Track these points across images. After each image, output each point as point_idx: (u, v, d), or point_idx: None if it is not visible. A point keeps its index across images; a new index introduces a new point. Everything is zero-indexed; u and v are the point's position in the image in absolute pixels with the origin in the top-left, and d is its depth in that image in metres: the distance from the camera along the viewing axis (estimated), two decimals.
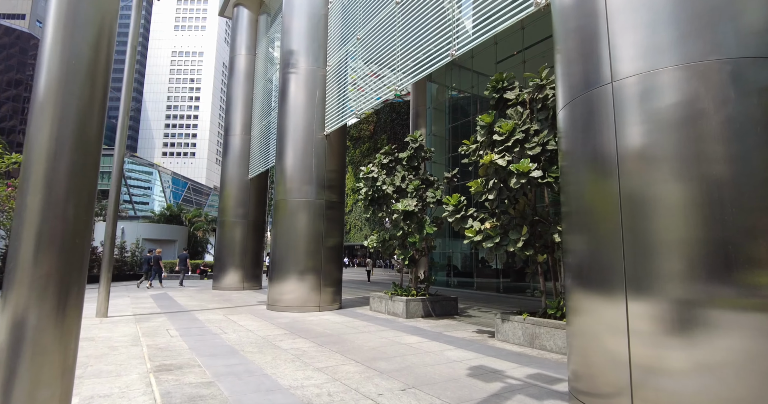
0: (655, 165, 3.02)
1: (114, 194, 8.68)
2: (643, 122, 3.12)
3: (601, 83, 3.51)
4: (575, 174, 3.69)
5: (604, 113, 3.47)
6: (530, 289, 16.22)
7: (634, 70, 3.24)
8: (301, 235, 10.05)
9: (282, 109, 10.79)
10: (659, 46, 3.10)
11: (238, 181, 16.61)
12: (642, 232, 3.03)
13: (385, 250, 9.69)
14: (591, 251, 3.48)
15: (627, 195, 3.11)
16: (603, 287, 3.32)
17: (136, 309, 10.00)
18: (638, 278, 3.06)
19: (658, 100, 3.06)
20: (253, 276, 16.60)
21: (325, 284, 10.09)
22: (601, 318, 3.31)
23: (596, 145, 3.42)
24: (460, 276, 19.35)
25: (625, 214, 3.14)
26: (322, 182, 10.32)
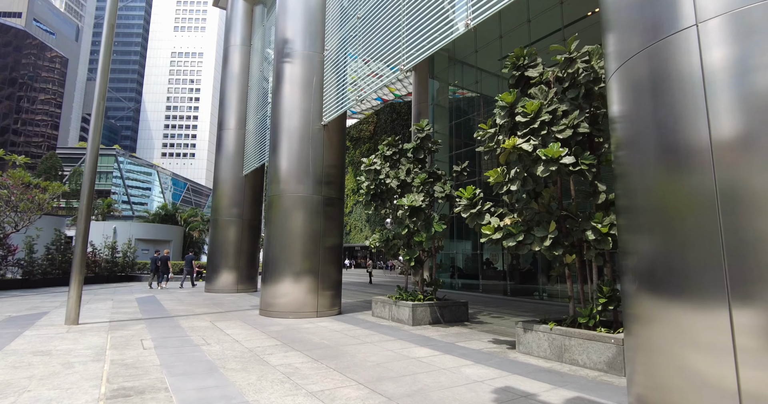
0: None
1: (87, 187, 7.83)
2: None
3: (679, 27, 2.68)
4: (641, 161, 2.88)
5: (685, 71, 2.63)
6: (539, 292, 15.39)
7: (730, 5, 2.43)
8: (297, 234, 9.20)
9: (276, 97, 9.95)
10: None
11: (232, 178, 15.77)
12: (754, 231, 2.23)
13: (389, 250, 8.84)
14: (668, 253, 2.70)
15: (727, 188, 2.32)
16: (690, 293, 2.50)
17: (116, 314, 9.15)
18: (747, 283, 2.24)
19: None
20: (248, 278, 15.74)
21: (323, 288, 9.24)
22: (686, 330, 2.50)
23: (674, 119, 2.60)
24: (464, 278, 18.49)
25: (724, 211, 2.33)
26: (320, 177, 9.47)
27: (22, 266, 16.63)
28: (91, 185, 7.91)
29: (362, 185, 8.56)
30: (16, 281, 16.05)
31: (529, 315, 9.96)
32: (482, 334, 7.27)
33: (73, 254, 7.73)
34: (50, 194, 18.82)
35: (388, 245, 8.73)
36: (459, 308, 8.78)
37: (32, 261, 16.81)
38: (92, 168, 7.96)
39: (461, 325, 8.28)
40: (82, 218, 7.82)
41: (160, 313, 9.43)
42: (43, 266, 17.25)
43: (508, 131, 5.53)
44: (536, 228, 5.35)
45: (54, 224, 24.12)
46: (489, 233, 5.68)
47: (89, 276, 19.36)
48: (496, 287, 16.49)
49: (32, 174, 25.40)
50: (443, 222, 7.85)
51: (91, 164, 7.95)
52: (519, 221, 5.67)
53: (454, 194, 7.98)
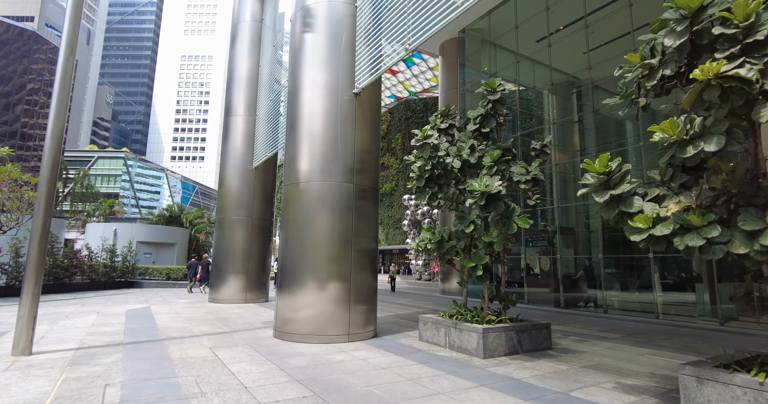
0: None
1: (48, 168, 5.82)
2: None
3: None
4: None
5: None
6: (594, 303, 13.15)
7: None
8: (323, 232, 7.11)
9: (296, 61, 7.91)
10: None
11: (240, 171, 13.77)
12: None
13: (444, 254, 6.71)
14: None
15: None
16: None
17: (91, 335, 7.12)
18: None
19: None
20: (258, 286, 13.70)
21: (356, 300, 7.13)
22: None
23: None
24: None
25: None
26: (351, 161, 7.39)
27: (5, 271, 14.77)
28: (53, 166, 5.90)
29: (413, 165, 6.42)
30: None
31: (622, 338, 7.75)
32: (591, 374, 5.10)
33: (27, 257, 5.72)
34: None
35: (443, 247, 6.60)
36: (540, 332, 6.61)
37: (18, 266, 14.94)
38: (56, 145, 5.96)
39: (548, 356, 6.11)
40: (40, 208, 5.81)
41: (149, 334, 7.39)
42: None
43: (684, 57, 3.39)
44: (740, 217, 3.19)
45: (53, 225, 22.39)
46: (642, 227, 3.54)
47: (84, 283, 17.51)
48: (545, 297, 14.26)
49: (34, 175, 23.80)
50: (527, 216, 5.70)
51: (56, 137, 5.94)
52: (692, 206, 3.52)
53: (541, 178, 5.85)
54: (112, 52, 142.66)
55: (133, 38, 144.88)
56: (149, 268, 21.54)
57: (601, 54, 13.76)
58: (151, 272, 21.42)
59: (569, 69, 15.91)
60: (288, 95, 8.08)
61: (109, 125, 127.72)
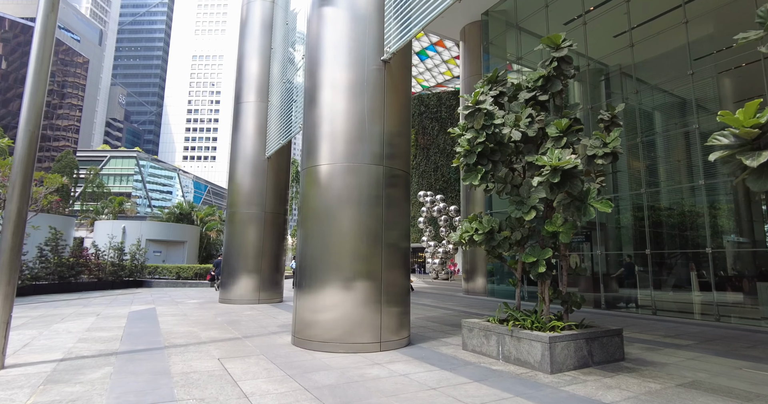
0: None
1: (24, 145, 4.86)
2: None
3: None
4: None
5: None
6: (626, 304, 11.94)
7: None
8: (349, 223, 6.08)
9: (315, 25, 6.87)
10: None
11: (252, 161, 12.81)
12: None
13: (494, 248, 5.62)
14: None
15: None
16: None
17: (83, 342, 6.18)
18: None
19: None
20: (271, 285, 12.73)
21: (387, 301, 6.08)
22: None
23: None
24: (532, 284, 15.07)
25: None
26: (380, 139, 6.33)
27: None
28: (30, 143, 4.94)
29: (461, 139, 5.32)
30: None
31: (697, 346, 6.58)
32: (699, 397, 3.97)
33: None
34: (47, 188, 16.29)
35: (493, 239, 5.51)
36: (611, 339, 5.48)
37: (20, 264, 14.16)
38: (34, 117, 5.00)
39: (627, 370, 4.99)
40: (15, 192, 4.86)
41: (149, 340, 6.42)
42: (34, 270, 14.63)
43: None
44: None
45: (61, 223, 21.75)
46: None
47: (91, 282, 16.75)
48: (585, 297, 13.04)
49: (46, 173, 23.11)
50: (608, 199, 4.58)
51: (34, 107, 4.98)
52: None
53: (620, 151, 4.73)
54: (124, 53, 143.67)
55: (144, 39, 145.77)
56: (159, 267, 20.76)
57: (635, 37, 12.48)
58: (160, 271, 20.65)
59: (598, 54, 14.65)
60: (306, 66, 7.04)
61: (121, 126, 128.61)
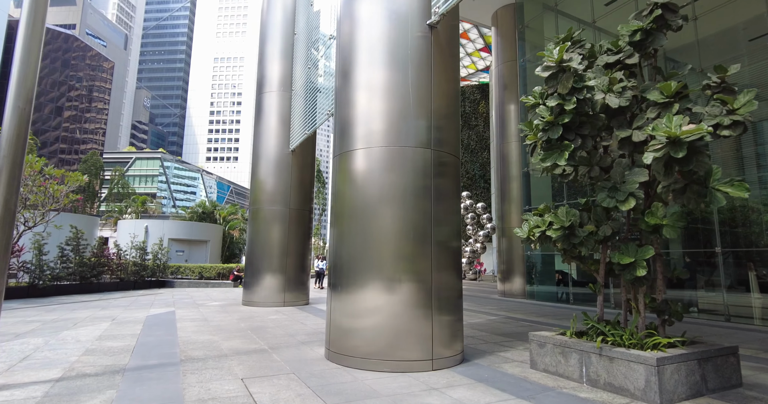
0: None
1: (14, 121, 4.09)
2: None
3: None
4: None
5: None
6: (697, 308, 10.62)
7: None
8: (392, 216, 5.13)
9: None
10: None
11: (275, 154, 12.02)
12: None
13: (574, 247, 4.56)
14: None
15: None
16: None
17: (89, 354, 5.41)
18: None
19: None
20: (297, 286, 11.90)
21: (439, 308, 5.10)
22: None
23: None
24: (579, 286, 13.84)
25: None
26: (428, 118, 5.35)
27: (28, 270, 13.63)
28: (20, 122, 4.15)
29: (539, 109, 4.26)
30: (19, 289, 13.03)
31: None
32: None
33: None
34: (68, 186, 15.90)
35: (575, 236, 4.46)
36: (726, 360, 4.36)
37: (41, 264, 13.79)
38: (26, 91, 4.22)
39: (755, 402, 3.87)
40: (1, 181, 4.06)
41: (163, 352, 5.61)
42: (55, 270, 14.22)
43: None
44: None
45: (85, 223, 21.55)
46: None
47: (113, 282, 16.34)
48: None
49: None
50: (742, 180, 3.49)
51: (25, 83, 4.20)
52: None
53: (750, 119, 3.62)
54: (148, 56, 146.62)
55: (168, 43, 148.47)
56: (181, 266, 20.31)
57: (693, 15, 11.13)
58: (183, 271, 20.20)
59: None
60: (338, 35, 6.10)
61: (146, 128, 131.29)
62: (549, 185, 15.48)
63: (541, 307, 12.68)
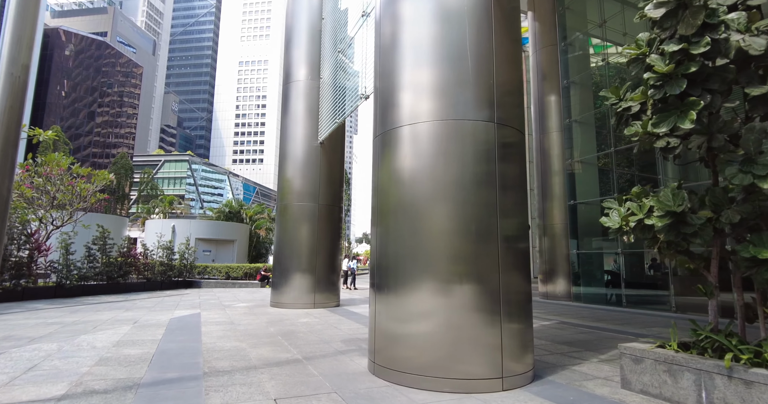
0: None
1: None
2: None
3: None
4: None
5: None
6: None
7: None
8: (448, 207, 4.29)
9: None
10: None
11: (303, 147, 11.34)
12: None
13: (685, 239, 3.61)
14: None
15: None
16: None
17: (102, 364, 4.77)
18: None
19: None
20: (327, 286, 11.19)
21: (509, 313, 4.23)
22: None
23: None
24: (633, 288, 12.62)
25: None
26: (489, 85, 4.48)
27: (55, 269, 13.40)
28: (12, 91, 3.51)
29: (650, 58, 3.30)
30: (46, 289, 12.79)
31: None
32: None
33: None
34: (95, 185, 15.71)
35: (687, 226, 3.51)
36: None
37: (68, 264, 13.54)
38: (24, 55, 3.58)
39: None
40: None
41: (185, 362, 4.93)
42: (82, 270, 13.97)
43: None
44: None
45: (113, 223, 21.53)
46: None
47: (140, 282, 16.04)
48: (700, 303, 10.55)
49: None
50: None
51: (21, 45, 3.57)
52: None
53: None
54: (175, 62, 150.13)
55: (194, 48, 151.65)
56: (208, 266, 19.98)
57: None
58: (210, 271, 19.86)
59: None
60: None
61: (175, 131, 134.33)
62: (596, 179, 14.31)
63: (592, 310, 11.58)
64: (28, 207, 13.94)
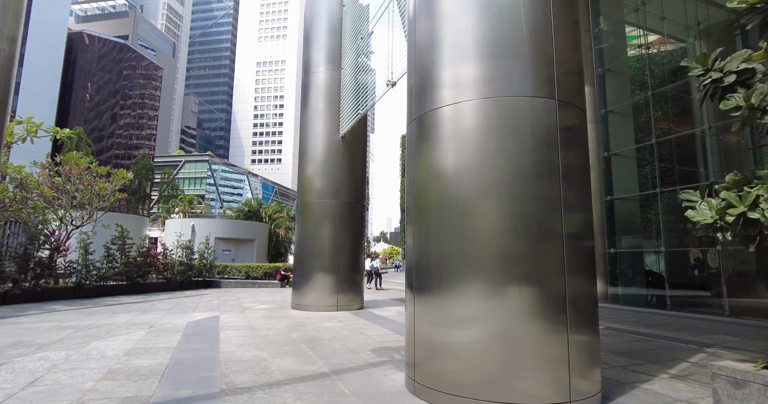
0: None
1: None
2: None
3: None
4: None
5: None
6: None
7: None
8: (502, 201, 3.65)
9: None
10: None
11: (324, 141, 10.81)
12: None
13: None
14: None
15: None
16: None
17: (110, 377, 4.30)
18: None
19: None
20: (351, 286, 10.64)
21: (576, 324, 3.56)
22: None
23: None
24: (678, 288, 11.70)
25: None
26: (548, 54, 3.82)
27: (75, 270, 13.21)
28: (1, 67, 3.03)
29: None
30: (66, 290, 12.59)
31: None
32: None
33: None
34: (113, 184, 15.50)
35: None
36: None
37: (87, 264, 13.34)
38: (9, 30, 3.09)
39: None
40: None
41: (201, 376, 4.42)
42: (102, 270, 13.76)
43: None
44: None
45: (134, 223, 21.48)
46: None
47: (159, 283, 15.81)
48: (758, 306, 9.62)
49: None
50: None
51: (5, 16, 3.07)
52: None
53: None
54: (195, 64, 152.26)
55: (212, 50, 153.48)
56: (227, 266, 19.71)
57: None
58: (229, 271, 19.59)
59: None
60: None
61: (195, 133, 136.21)
62: (634, 173, 13.40)
63: (635, 314, 10.73)
64: (48, 207, 13.79)
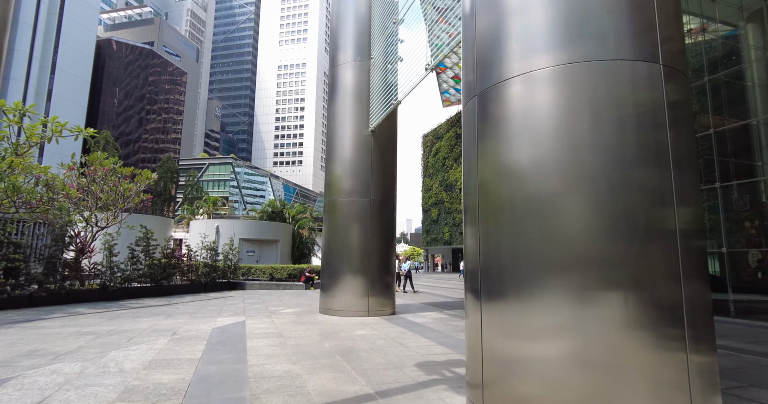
0: None
1: None
2: None
3: None
4: None
5: None
6: None
7: None
8: (597, 195, 2.91)
9: None
10: None
11: (353, 136, 10.20)
12: None
13: None
14: None
15: None
16: None
17: (125, 397, 3.75)
18: None
19: None
20: (382, 289, 9.99)
21: (696, 340, 2.79)
22: None
23: None
24: (743, 293, 10.60)
25: None
26: (650, 16, 3.07)
27: (99, 271, 12.99)
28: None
29: None
30: (91, 292, 12.35)
31: None
32: None
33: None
34: (138, 185, 15.28)
35: None
36: None
37: (111, 266, 13.10)
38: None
39: None
40: None
41: (226, 398, 3.82)
42: (126, 272, 13.51)
43: None
44: None
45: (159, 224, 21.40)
46: None
47: (184, 284, 15.52)
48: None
49: None
50: None
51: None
52: None
53: None
54: (218, 68, 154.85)
55: (235, 54, 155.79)
56: (252, 267, 19.36)
57: None
58: (254, 272, 19.23)
59: None
60: None
61: (218, 136, 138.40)
62: None
63: None
64: (74, 208, 13.63)
